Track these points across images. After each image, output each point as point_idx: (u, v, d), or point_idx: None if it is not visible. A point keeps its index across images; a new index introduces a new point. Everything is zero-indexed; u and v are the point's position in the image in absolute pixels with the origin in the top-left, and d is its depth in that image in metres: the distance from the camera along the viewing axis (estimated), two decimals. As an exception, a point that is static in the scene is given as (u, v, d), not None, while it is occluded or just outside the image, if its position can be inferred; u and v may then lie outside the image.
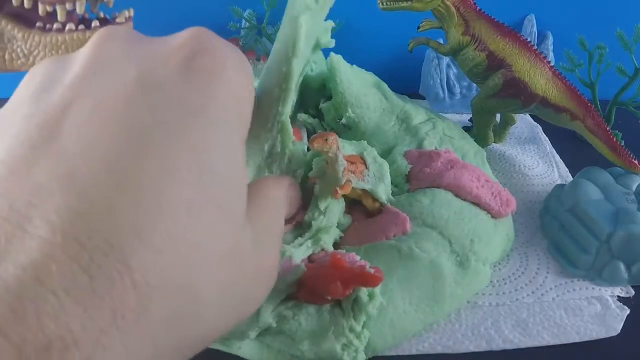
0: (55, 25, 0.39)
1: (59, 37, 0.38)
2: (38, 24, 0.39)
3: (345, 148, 0.37)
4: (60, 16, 0.37)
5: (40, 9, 0.37)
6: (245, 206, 0.16)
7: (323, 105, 0.45)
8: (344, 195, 0.36)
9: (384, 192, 0.38)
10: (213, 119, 0.15)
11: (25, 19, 0.38)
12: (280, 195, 0.21)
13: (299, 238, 0.33)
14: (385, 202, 0.38)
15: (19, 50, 0.38)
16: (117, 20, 0.41)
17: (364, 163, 0.38)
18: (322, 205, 0.34)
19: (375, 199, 0.37)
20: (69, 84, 0.14)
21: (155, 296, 0.13)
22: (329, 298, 0.29)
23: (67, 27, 0.39)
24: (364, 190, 0.37)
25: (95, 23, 0.40)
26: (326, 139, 0.31)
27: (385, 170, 0.38)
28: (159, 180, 0.13)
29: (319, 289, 0.29)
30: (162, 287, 0.13)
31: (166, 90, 0.14)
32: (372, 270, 0.28)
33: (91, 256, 0.12)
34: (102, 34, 0.16)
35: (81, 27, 0.39)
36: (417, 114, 0.46)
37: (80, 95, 0.14)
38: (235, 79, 0.16)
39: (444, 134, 0.45)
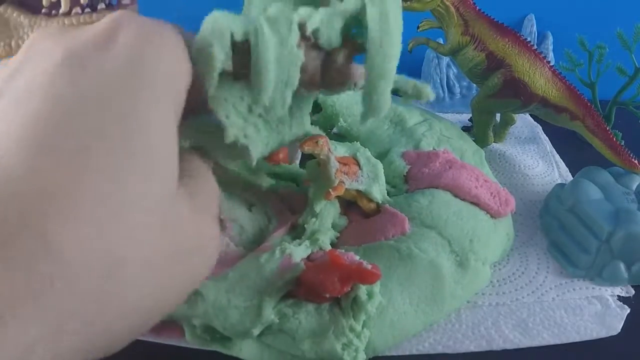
0: (61, 10, 0.39)
1: (65, 20, 0.39)
2: (44, 10, 0.39)
3: (337, 150, 0.38)
4: (65, 6, 0.38)
5: (44, 0, 0.38)
6: (176, 178, 0.16)
7: (313, 118, 0.46)
8: (338, 197, 0.36)
9: (378, 192, 0.38)
10: (137, 90, 0.15)
11: (31, 6, 0.39)
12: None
13: (297, 240, 0.33)
14: (381, 202, 0.38)
15: (25, 37, 0.38)
16: (123, 2, 0.42)
17: (357, 164, 0.38)
18: (317, 208, 0.34)
19: (370, 200, 0.37)
20: (5, 75, 0.16)
21: (72, 268, 0.12)
22: (327, 296, 0.29)
23: (73, 11, 0.40)
24: (358, 191, 0.37)
25: (101, 5, 0.40)
26: (317, 141, 0.31)
27: (379, 170, 0.38)
28: (80, 145, 0.13)
29: (316, 287, 0.29)
30: (79, 259, 0.12)
31: (87, 66, 0.15)
32: (369, 267, 0.28)
33: (8, 228, 0.12)
34: (36, 33, 0.17)
35: (87, 10, 0.40)
36: (412, 115, 0.47)
37: (14, 79, 0.15)
38: (161, 53, 0.16)
39: (441, 134, 0.45)
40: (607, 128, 0.47)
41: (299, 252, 0.31)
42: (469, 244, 0.36)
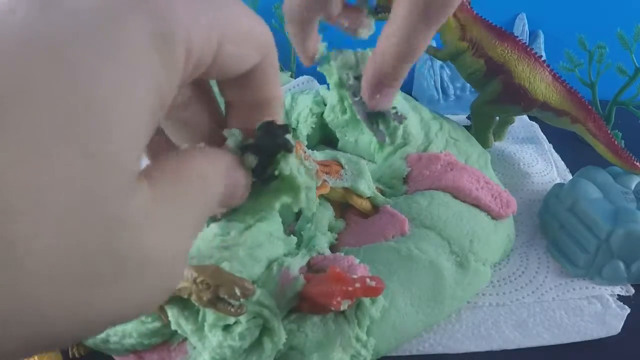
0: None
1: None
2: None
3: (315, 155, 0.38)
4: None
5: None
6: (136, 163, 0.12)
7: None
8: (332, 201, 0.36)
9: (366, 187, 0.38)
10: (109, 37, 0.11)
11: None
12: (209, 172, 0.16)
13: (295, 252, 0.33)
14: (370, 196, 0.38)
15: None
16: None
17: (339, 164, 0.38)
18: (307, 212, 0.34)
19: (359, 196, 0.38)
20: None
21: None
22: (332, 308, 0.29)
23: None
24: (345, 188, 0.37)
25: None
26: None
27: (362, 166, 0.39)
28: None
29: (321, 303, 0.28)
30: None
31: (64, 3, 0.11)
32: (373, 283, 0.28)
33: None
34: None
35: None
36: (422, 108, 0.47)
37: None
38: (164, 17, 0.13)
39: (449, 136, 0.46)
40: (608, 130, 0.47)
41: (296, 263, 0.31)
42: (469, 244, 0.36)
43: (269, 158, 0.19)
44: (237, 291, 0.26)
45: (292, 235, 0.34)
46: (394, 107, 0.26)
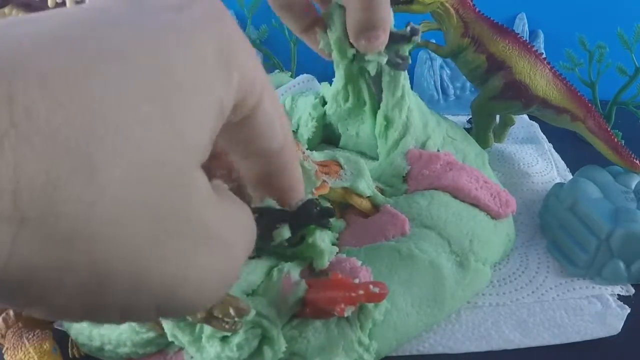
0: None
1: None
2: None
3: (314, 155, 0.38)
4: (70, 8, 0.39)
5: (50, 1, 0.39)
6: (203, 151, 0.14)
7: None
8: (331, 201, 0.36)
9: (366, 187, 0.37)
10: (187, 39, 0.13)
11: (36, 7, 0.40)
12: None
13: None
14: (370, 195, 0.38)
15: None
16: None
17: (338, 164, 0.38)
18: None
19: (359, 195, 0.38)
20: None
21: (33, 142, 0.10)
22: (335, 314, 0.28)
23: None
24: (345, 188, 0.37)
25: None
26: None
27: (361, 165, 0.38)
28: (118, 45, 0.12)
29: (324, 309, 0.28)
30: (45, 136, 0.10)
31: (147, 5, 0.13)
32: (376, 290, 0.28)
33: None
34: None
35: None
36: (422, 104, 0.47)
37: None
38: (230, 26, 0.15)
39: (446, 134, 0.45)
40: (608, 128, 0.47)
41: (296, 266, 0.31)
42: (468, 244, 0.36)
43: (301, 228, 0.20)
44: (232, 311, 0.25)
45: None
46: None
